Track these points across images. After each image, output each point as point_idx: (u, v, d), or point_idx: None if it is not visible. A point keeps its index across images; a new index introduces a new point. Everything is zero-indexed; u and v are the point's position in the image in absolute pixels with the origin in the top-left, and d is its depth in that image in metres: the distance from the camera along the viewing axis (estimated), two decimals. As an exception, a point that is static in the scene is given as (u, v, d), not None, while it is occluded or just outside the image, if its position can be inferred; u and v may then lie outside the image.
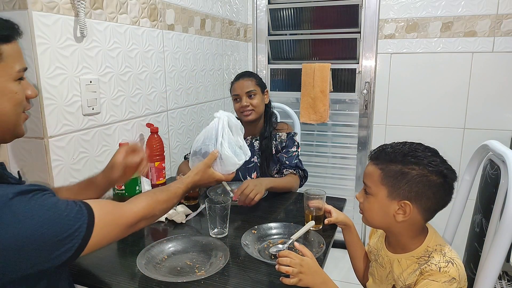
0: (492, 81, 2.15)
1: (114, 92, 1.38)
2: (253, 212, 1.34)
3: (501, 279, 2.02)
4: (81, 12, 1.17)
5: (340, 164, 2.56)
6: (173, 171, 1.75)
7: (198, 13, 1.92)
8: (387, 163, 0.88)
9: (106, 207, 0.75)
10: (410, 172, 0.85)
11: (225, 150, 1.06)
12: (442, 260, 0.83)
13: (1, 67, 0.67)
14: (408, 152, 0.87)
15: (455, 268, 0.82)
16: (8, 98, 0.69)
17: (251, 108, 1.62)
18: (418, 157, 0.85)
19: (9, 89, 0.69)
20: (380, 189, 0.89)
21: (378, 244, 1.03)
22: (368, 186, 0.91)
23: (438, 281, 0.81)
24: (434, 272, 0.82)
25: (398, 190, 0.86)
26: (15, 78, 0.70)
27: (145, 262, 0.96)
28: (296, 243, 0.96)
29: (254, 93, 1.62)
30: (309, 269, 0.90)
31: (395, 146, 0.90)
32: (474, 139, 2.20)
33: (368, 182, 0.91)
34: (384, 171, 0.88)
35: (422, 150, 0.87)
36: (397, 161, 0.87)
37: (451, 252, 0.86)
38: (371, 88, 2.38)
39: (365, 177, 0.93)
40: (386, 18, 2.27)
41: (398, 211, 0.87)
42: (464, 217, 1.16)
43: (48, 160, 1.13)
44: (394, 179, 0.86)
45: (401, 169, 0.86)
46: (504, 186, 0.93)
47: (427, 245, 0.89)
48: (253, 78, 1.65)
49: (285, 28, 2.53)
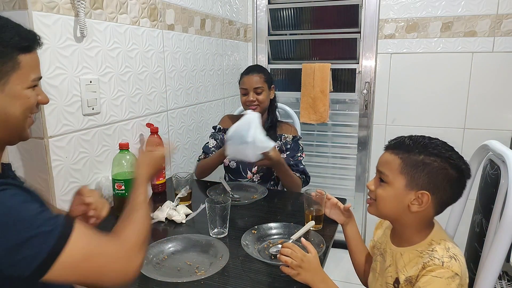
0: (492, 81, 2.15)
1: (114, 92, 1.38)
2: (253, 212, 1.34)
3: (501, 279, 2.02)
4: (81, 12, 1.17)
5: (340, 164, 2.56)
6: (173, 171, 1.76)
7: (198, 13, 1.92)
8: (408, 153, 0.87)
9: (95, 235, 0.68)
10: (431, 164, 0.85)
11: (258, 135, 1.33)
12: (445, 255, 0.83)
13: (18, 75, 0.69)
14: (429, 144, 0.87)
15: (458, 264, 0.82)
16: (20, 103, 0.71)
17: (257, 104, 1.69)
18: (439, 149, 0.86)
19: (23, 95, 0.71)
20: (398, 178, 0.88)
21: (383, 238, 1.03)
22: (385, 175, 0.90)
23: (441, 277, 0.80)
24: (437, 267, 0.81)
25: (417, 180, 0.86)
26: (29, 86, 0.72)
27: (145, 262, 0.96)
28: (303, 238, 0.96)
29: (261, 89, 1.69)
30: (310, 265, 0.90)
31: (414, 138, 0.90)
32: (474, 139, 2.20)
33: (386, 171, 0.90)
34: (405, 160, 0.87)
35: (441, 144, 0.88)
36: (419, 151, 0.86)
37: (454, 248, 0.86)
38: (371, 88, 2.38)
39: (382, 165, 0.92)
40: (386, 18, 2.27)
41: (414, 201, 0.87)
42: (464, 217, 1.16)
43: (48, 160, 1.13)
44: (415, 169, 0.86)
45: (423, 159, 0.85)
46: (504, 186, 0.93)
47: (431, 239, 0.89)
48: (262, 74, 1.72)
49: (285, 28, 2.53)
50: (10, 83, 0.68)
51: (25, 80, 0.70)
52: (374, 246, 1.07)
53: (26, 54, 0.70)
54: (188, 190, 1.41)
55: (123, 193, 1.25)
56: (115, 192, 1.27)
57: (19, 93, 0.70)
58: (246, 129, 1.35)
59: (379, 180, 0.92)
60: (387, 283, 0.95)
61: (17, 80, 0.69)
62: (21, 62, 0.69)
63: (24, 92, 0.71)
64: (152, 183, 1.49)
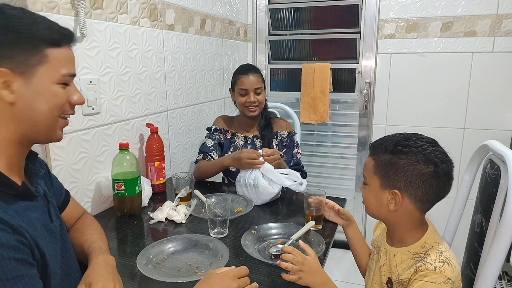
0: (492, 81, 2.15)
1: (114, 92, 1.38)
2: (253, 212, 1.34)
3: (501, 279, 2.02)
4: (81, 12, 1.17)
5: (340, 164, 2.56)
6: (173, 171, 1.75)
7: (198, 13, 1.92)
8: (380, 154, 0.90)
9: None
10: (398, 162, 0.86)
11: (262, 182, 1.36)
12: (438, 259, 0.83)
13: (45, 69, 0.68)
14: (400, 142, 0.88)
15: (450, 268, 0.82)
16: (46, 100, 0.69)
17: (257, 104, 1.70)
18: (408, 146, 0.86)
19: (50, 91, 0.69)
20: (373, 179, 0.91)
21: (379, 237, 1.04)
22: (364, 176, 0.95)
23: (434, 282, 0.81)
24: (430, 272, 0.82)
25: (388, 180, 0.88)
26: (58, 81, 0.70)
27: (145, 262, 0.96)
28: (301, 241, 0.97)
29: (261, 90, 1.71)
30: (310, 268, 0.90)
31: (391, 137, 0.92)
32: (474, 139, 2.21)
33: (364, 172, 0.95)
34: (377, 161, 0.90)
35: (415, 140, 0.87)
36: (387, 151, 0.88)
37: (447, 251, 0.86)
38: (371, 88, 2.38)
39: (363, 168, 0.96)
40: (386, 18, 2.27)
41: (391, 200, 0.89)
42: (464, 217, 1.16)
43: (48, 160, 1.13)
44: (384, 169, 0.88)
45: (390, 159, 0.87)
46: (504, 186, 0.92)
47: (424, 241, 0.89)
48: (259, 74, 1.73)
49: (285, 28, 2.53)
50: (37, 77, 0.67)
51: (53, 75, 0.69)
52: (372, 244, 1.09)
53: (55, 49, 0.69)
54: (188, 190, 1.41)
55: (123, 193, 1.25)
56: (115, 192, 1.27)
57: (45, 87, 0.68)
58: (249, 175, 1.40)
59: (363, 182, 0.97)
60: (381, 282, 0.96)
61: (44, 74, 0.68)
62: (49, 56, 0.68)
63: (51, 87, 0.69)
64: (152, 183, 1.49)
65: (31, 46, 0.66)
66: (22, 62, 0.66)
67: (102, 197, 1.35)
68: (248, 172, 1.42)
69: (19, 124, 0.68)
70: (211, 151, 1.71)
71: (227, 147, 1.77)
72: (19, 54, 0.65)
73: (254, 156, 1.42)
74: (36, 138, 0.73)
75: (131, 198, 1.27)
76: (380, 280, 0.97)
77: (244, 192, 1.43)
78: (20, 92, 0.66)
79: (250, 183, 1.39)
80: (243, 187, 1.43)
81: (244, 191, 1.42)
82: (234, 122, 1.83)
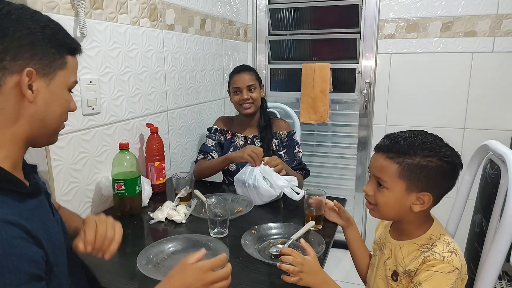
0: (492, 81, 2.15)
1: (114, 92, 1.38)
2: (253, 212, 1.34)
3: (501, 279, 2.02)
4: (81, 12, 1.17)
5: (340, 164, 2.56)
6: (173, 171, 1.75)
7: (198, 13, 1.92)
8: (404, 157, 0.86)
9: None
10: (428, 165, 0.85)
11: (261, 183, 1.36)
12: (445, 249, 0.84)
13: (63, 74, 0.72)
14: (422, 144, 0.86)
15: (458, 258, 0.83)
16: (60, 104, 0.73)
17: (251, 101, 1.70)
18: (433, 149, 0.86)
19: (63, 95, 0.73)
20: (397, 183, 0.88)
21: (382, 234, 1.04)
22: (384, 180, 0.89)
23: (442, 271, 0.81)
24: (438, 261, 0.82)
25: (417, 183, 0.86)
26: (69, 87, 0.75)
27: (145, 262, 0.96)
28: (302, 240, 0.96)
29: (254, 87, 1.71)
30: (311, 268, 0.90)
31: (406, 137, 0.88)
32: (474, 139, 2.20)
33: (384, 176, 0.89)
34: (402, 164, 0.86)
35: (433, 141, 0.88)
36: (414, 153, 0.86)
37: (453, 243, 0.87)
38: (371, 88, 2.38)
39: (378, 171, 0.90)
40: (386, 18, 2.27)
41: (415, 202, 0.88)
42: (464, 217, 1.16)
43: (48, 160, 1.13)
44: (412, 173, 0.86)
45: (419, 162, 0.85)
46: (504, 186, 0.92)
47: (431, 233, 0.90)
48: (252, 72, 1.74)
49: (285, 28, 2.53)
50: (56, 80, 0.71)
51: (67, 81, 0.73)
52: (375, 243, 1.09)
53: (72, 57, 0.74)
54: (188, 190, 1.41)
55: (123, 193, 1.25)
56: (115, 192, 1.27)
57: (60, 91, 0.72)
58: (248, 175, 1.41)
59: (377, 184, 0.92)
60: (386, 276, 0.96)
61: (61, 78, 0.72)
62: (67, 62, 0.72)
63: (63, 92, 0.73)
64: (152, 183, 1.49)
65: (57, 50, 0.70)
66: (47, 64, 0.69)
67: (102, 197, 1.35)
68: (248, 172, 1.42)
69: (31, 124, 0.69)
70: (212, 151, 1.71)
71: (227, 147, 1.77)
72: (47, 56, 0.68)
73: (258, 153, 1.44)
74: (40, 140, 0.75)
75: (131, 198, 1.27)
76: (384, 274, 0.97)
77: (244, 192, 1.43)
78: (39, 93, 0.68)
79: (250, 184, 1.39)
80: (243, 187, 1.43)
81: (244, 191, 1.43)
82: (234, 122, 1.84)
